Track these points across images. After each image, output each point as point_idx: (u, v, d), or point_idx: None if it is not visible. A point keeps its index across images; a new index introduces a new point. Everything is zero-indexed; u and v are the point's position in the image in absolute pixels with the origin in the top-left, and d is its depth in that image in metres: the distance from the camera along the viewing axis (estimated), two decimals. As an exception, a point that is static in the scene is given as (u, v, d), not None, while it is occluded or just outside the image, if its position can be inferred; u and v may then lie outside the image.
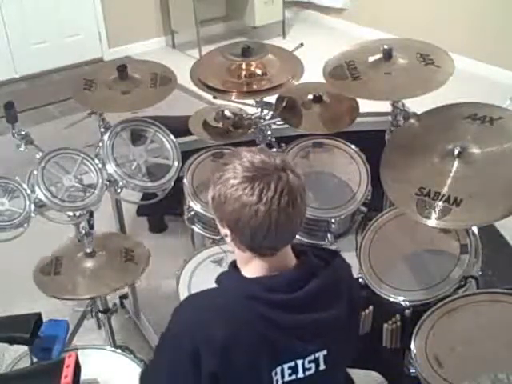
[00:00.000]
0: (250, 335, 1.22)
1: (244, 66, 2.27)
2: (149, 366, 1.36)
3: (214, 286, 1.33)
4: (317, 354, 1.29)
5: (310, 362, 1.29)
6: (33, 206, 1.92)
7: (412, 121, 2.00)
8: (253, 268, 1.29)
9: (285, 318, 1.24)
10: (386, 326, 2.05)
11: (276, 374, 1.26)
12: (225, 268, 1.41)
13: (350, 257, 1.90)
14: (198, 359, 1.21)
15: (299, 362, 1.28)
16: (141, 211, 3.20)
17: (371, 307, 2.04)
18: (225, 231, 1.27)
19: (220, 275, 1.35)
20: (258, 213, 1.16)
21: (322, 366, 1.30)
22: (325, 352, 1.30)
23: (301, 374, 1.28)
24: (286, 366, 1.27)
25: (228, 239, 1.28)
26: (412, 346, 1.64)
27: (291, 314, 1.25)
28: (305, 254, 1.33)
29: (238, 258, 1.32)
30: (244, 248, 1.26)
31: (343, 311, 1.33)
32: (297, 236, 2.28)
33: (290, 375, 1.27)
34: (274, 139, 2.38)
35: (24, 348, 1.66)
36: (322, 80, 2.11)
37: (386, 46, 2.04)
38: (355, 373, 1.61)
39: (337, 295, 1.33)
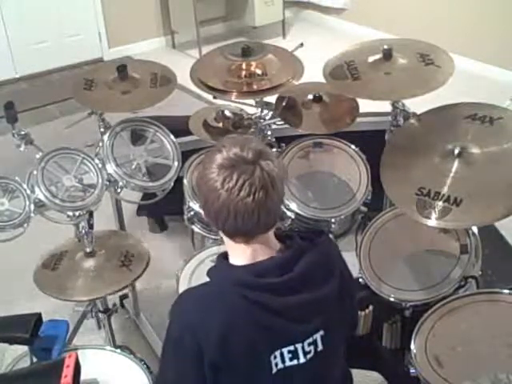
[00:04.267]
0: (244, 321, 1.24)
1: (244, 66, 2.27)
2: (158, 370, 1.38)
3: None
4: (314, 336, 1.31)
5: (309, 344, 1.31)
6: (32, 206, 1.92)
7: (412, 121, 2.00)
8: (237, 254, 1.33)
9: (277, 302, 1.26)
10: (386, 326, 2.06)
11: (275, 357, 1.28)
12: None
13: (350, 257, 1.91)
14: (201, 354, 1.24)
15: (298, 345, 1.29)
16: (141, 211, 3.20)
17: (371, 307, 2.04)
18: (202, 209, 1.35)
19: (210, 268, 1.38)
20: (219, 198, 1.24)
21: (320, 347, 1.32)
22: (322, 332, 1.32)
23: (302, 359, 1.30)
24: (285, 350, 1.28)
25: (205, 217, 1.35)
26: (412, 346, 1.64)
27: (283, 296, 1.27)
28: (291, 238, 1.36)
29: (225, 243, 1.37)
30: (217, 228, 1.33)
31: (335, 288, 1.34)
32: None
33: (290, 360, 1.29)
34: (274, 139, 2.38)
35: (24, 348, 1.66)
36: (322, 80, 2.11)
37: (385, 46, 2.04)
38: (355, 373, 1.61)
39: (327, 273, 1.35)
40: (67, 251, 2.11)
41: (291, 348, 1.29)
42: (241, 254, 1.32)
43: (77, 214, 1.98)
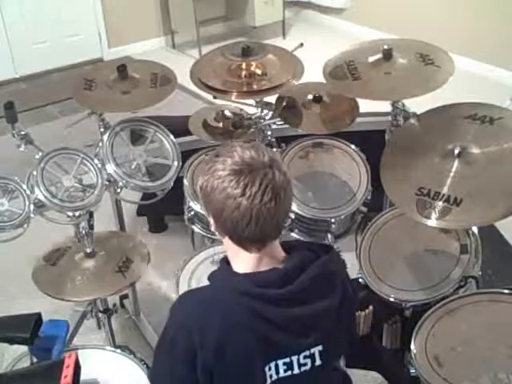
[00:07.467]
0: (242, 330, 1.23)
1: (244, 66, 2.27)
2: (151, 367, 1.38)
3: None
4: (312, 350, 1.30)
5: (305, 357, 1.29)
6: (32, 207, 1.92)
7: (412, 121, 2.00)
8: (241, 262, 1.31)
9: (276, 313, 1.25)
10: (385, 326, 2.05)
11: (270, 369, 1.27)
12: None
13: (350, 257, 1.91)
14: (194, 357, 1.23)
15: (294, 358, 1.28)
16: (141, 211, 3.20)
17: (371, 307, 2.04)
18: (210, 220, 1.32)
19: (212, 272, 1.37)
20: (240, 206, 1.21)
21: (318, 362, 1.31)
22: (320, 348, 1.31)
23: (296, 370, 1.29)
24: (280, 362, 1.27)
25: (212, 228, 1.33)
26: (412, 346, 1.64)
27: (282, 308, 1.26)
28: (296, 249, 1.34)
29: (227, 251, 1.35)
30: (227, 238, 1.31)
31: (335, 305, 1.33)
32: (296, 236, 2.29)
33: (285, 371, 1.28)
34: (273, 139, 2.38)
35: (24, 348, 1.66)
36: (322, 80, 2.11)
37: (385, 46, 2.04)
38: (355, 373, 1.61)
39: (329, 288, 1.33)
40: (71, 247, 2.11)
41: (286, 360, 1.28)
42: (244, 263, 1.30)
43: (77, 214, 1.98)
